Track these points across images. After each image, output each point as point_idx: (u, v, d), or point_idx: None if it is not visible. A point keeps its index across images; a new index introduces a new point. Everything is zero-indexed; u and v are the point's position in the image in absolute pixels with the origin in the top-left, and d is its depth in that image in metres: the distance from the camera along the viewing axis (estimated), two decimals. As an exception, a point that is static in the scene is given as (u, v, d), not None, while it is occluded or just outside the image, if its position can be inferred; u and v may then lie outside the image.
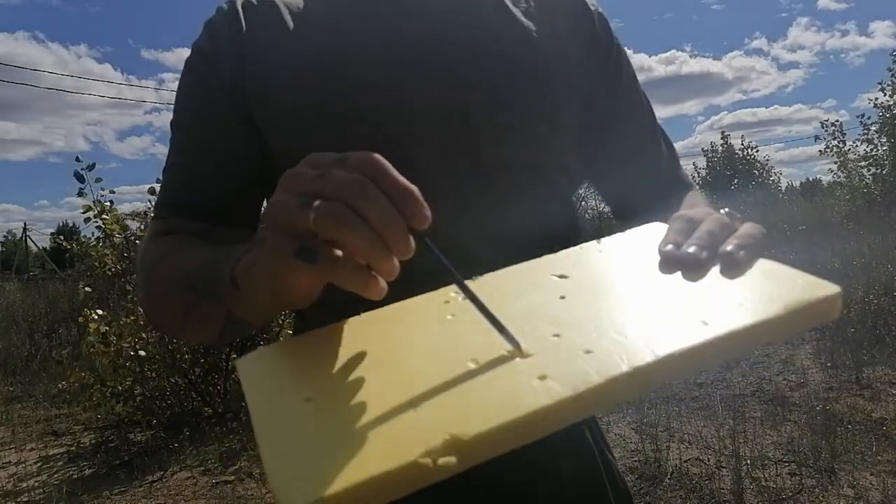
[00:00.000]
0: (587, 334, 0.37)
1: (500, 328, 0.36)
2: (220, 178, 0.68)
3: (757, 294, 0.38)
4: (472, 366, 0.35)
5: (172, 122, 0.71)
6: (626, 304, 0.40)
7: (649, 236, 0.48)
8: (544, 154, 0.67)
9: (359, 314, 0.45)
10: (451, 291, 0.45)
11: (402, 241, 0.35)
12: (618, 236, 0.51)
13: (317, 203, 0.35)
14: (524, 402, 0.31)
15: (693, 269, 0.42)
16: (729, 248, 0.42)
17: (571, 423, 0.31)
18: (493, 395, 0.32)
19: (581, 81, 0.71)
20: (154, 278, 0.63)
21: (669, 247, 0.44)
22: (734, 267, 0.41)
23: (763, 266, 0.42)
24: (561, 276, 0.45)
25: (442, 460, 0.28)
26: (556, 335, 0.37)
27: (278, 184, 0.38)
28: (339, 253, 0.36)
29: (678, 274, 0.42)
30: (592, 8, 0.76)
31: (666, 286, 0.41)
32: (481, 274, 0.47)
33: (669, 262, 0.43)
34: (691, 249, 0.42)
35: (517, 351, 0.36)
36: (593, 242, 0.50)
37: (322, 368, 0.39)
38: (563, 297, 0.42)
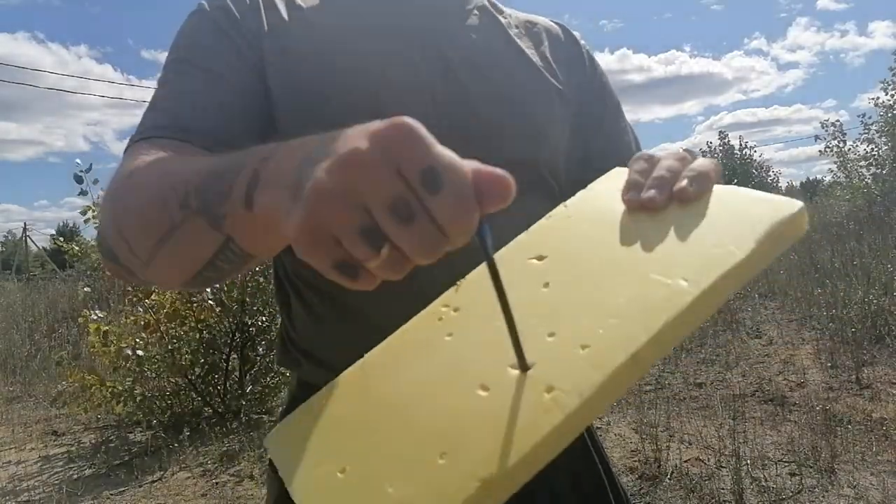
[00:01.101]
0: (580, 326, 0.37)
1: (517, 342, 0.35)
2: (229, 111, 0.61)
3: (726, 231, 0.39)
4: (483, 394, 0.35)
5: (172, 60, 0.65)
6: (608, 278, 0.40)
7: (612, 184, 0.48)
8: (540, 153, 0.70)
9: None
10: (441, 306, 0.45)
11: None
12: (582, 194, 0.51)
13: (384, 256, 0.30)
14: (538, 426, 0.32)
15: (655, 210, 0.43)
16: (682, 183, 0.43)
17: (590, 422, 0.32)
18: (510, 424, 0.33)
19: (568, 97, 0.75)
20: (131, 187, 0.52)
21: (631, 193, 0.45)
22: (688, 202, 0.42)
23: (721, 195, 0.42)
24: (539, 258, 0.45)
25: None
26: (552, 334, 0.37)
27: (349, 153, 0.29)
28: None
29: (646, 220, 0.43)
30: (579, 39, 0.82)
31: (638, 240, 0.41)
32: (462, 277, 0.47)
33: (633, 209, 0.45)
34: (650, 194, 0.44)
35: (520, 364, 0.36)
36: (560, 207, 0.50)
37: (345, 431, 0.39)
38: (546, 286, 0.42)
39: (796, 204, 0.38)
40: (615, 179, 0.49)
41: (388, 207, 0.28)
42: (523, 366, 0.35)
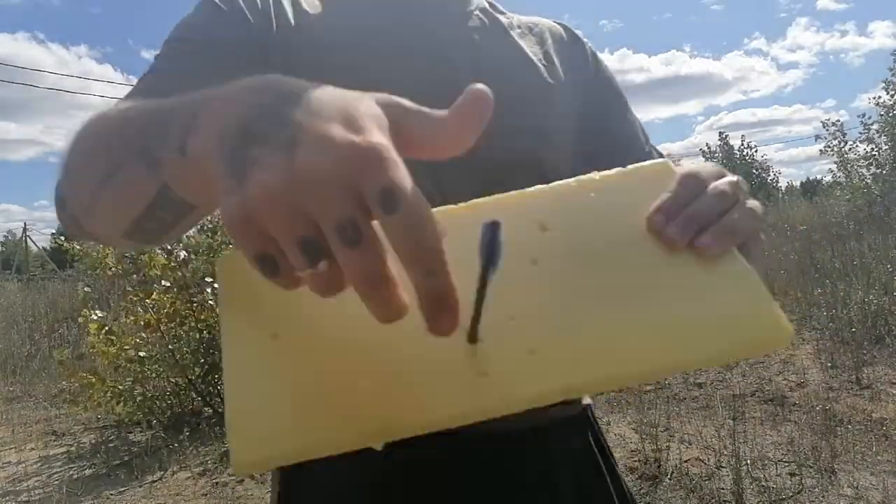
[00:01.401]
0: (538, 325, 0.37)
1: (476, 317, 0.35)
2: None
3: (711, 321, 0.38)
4: (427, 343, 0.34)
5: (172, 40, 0.64)
6: (590, 291, 0.39)
7: (650, 182, 0.46)
8: (543, 154, 0.70)
9: None
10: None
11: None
12: (618, 175, 0.47)
13: (320, 269, 0.29)
14: (458, 403, 0.34)
15: (670, 246, 0.42)
16: (706, 238, 0.42)
17: (498, 416, 0.34)
18: (432, 388, 0.34)
19: (572, 97, 0.75)
20: (89, 131, 0.51)
21: (658, 217, 0.43)
22: (702, 257, 0.42)
23: (731, 271, 0.41)
24: (542, 227, 0.43)
25: (369, 443, 0.33)
26: (512, 318, 0.37)
27: (308, 166, 0.28)
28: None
29: (657, 248, 0.42)
30: (581, 37, 0.82)
31: (638, 268, 0.41)
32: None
33: (653, 232, 0.43)
34: (672, 232, 0.42)
35: (470, 334, 0.35)
36: (592, 177, 0.47)
37: (295, 294, 0.37)
38: (534, 262, 0.41)
39: (787, 331, 0.38)
40: (655, 176, 0.46)
41: (338, 227, 0.27)
42: (471, 336, 0.36)
